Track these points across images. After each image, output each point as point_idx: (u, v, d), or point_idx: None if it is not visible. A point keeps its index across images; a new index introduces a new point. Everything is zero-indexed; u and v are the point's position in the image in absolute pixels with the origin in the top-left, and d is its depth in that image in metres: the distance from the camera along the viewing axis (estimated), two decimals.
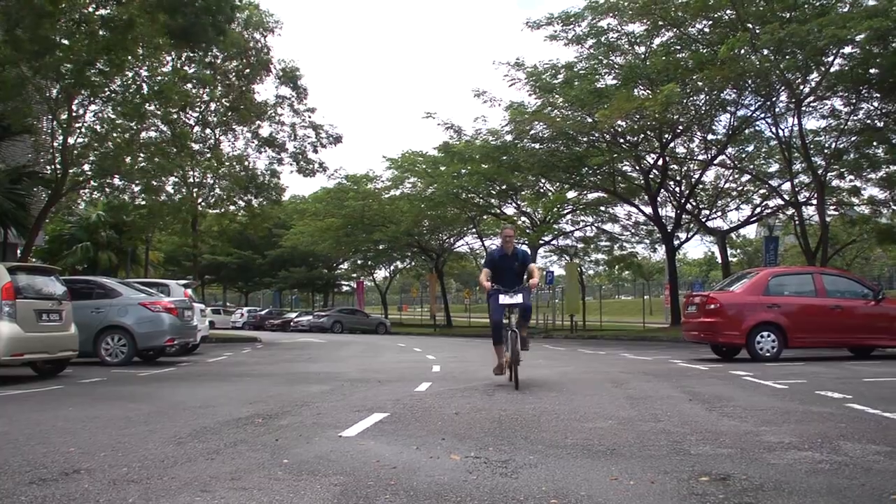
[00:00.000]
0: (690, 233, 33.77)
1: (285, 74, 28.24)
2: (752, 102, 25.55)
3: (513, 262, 8.87)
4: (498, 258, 8.95)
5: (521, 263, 8.93)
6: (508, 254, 8.90)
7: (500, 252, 9.04)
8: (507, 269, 8.82)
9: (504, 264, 8.86)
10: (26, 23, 13.84)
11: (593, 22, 25.34)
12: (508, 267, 8.83)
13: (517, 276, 8.92)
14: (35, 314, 10.44)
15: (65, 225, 32.24)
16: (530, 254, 8.90)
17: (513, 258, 8.89)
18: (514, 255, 8.94)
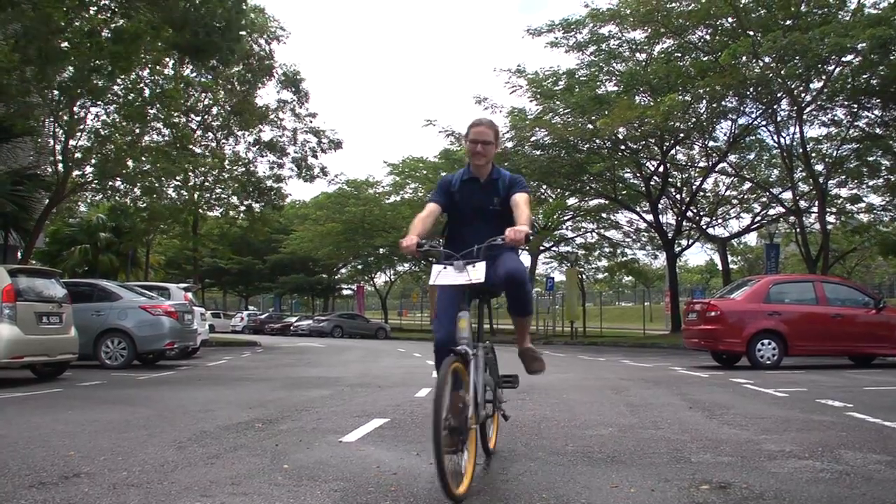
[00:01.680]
0: (691, 240, 33.79)
1: (287, 79, 28.28)
2: (753, 110, 25.60)
3: (488, 194, 4.36)
4: (459, 186, 4.41)
5: (505, 199, 4.34)
6: (481, 179, 4.39)
7: (465, 175, 4.44)
8: (475, 211, 4.37)
9: (471, 199, 4.38)
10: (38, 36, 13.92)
11: (594, 29, 25.42)
12: (479, 206, 4.37)
13: (496, 223, 4.27)
14: (35, 317, 10.44)
15: (65, 227, 32.23)
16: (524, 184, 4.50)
17: (489, 188, 4.37)
18: (492, 184, 4.39)
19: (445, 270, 3.82)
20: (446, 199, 4.37)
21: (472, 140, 4.30)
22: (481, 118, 4.40)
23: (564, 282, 34.13)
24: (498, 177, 4.38)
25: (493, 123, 4.44)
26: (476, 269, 3.79)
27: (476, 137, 4.29)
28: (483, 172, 4.36)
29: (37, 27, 14.04)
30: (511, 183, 4.35)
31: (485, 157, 4.31)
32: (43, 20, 14.10)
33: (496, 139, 4.36)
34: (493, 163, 4.42)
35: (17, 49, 14.62)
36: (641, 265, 41.89)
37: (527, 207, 4.11)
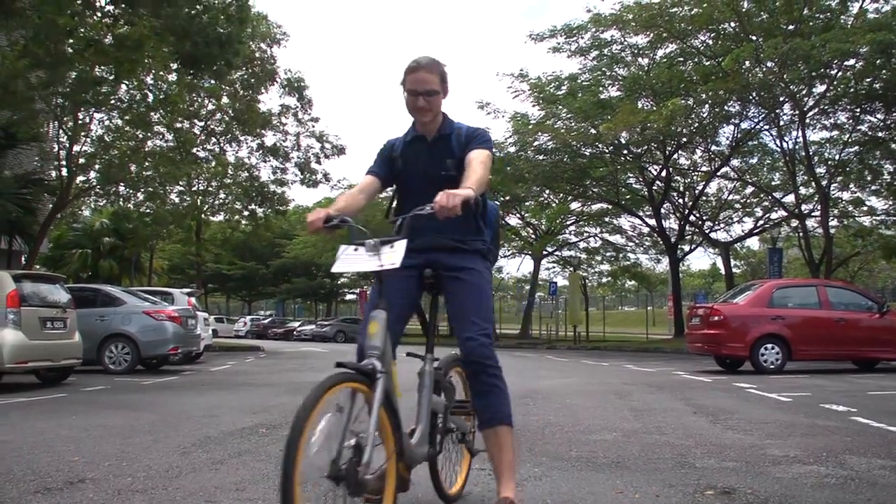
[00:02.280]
0: (694, 245, 33.77)
1: (290, 84, 28.36)
2: (755, 114, 25.61)
3: (438, 156, 3.27)
4: (402, 150, 3.35)
5: (462, 160, 3.17)
6: (428, 138, 3.31)
7: (409, 134, 3.37)
8: (424, 179, 3.24)
9: (417, 164, 3.30)
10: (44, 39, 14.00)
11: (597, 34, 25.47)
12: (427, 172, 3.25)
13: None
14: (39, 322, 10.47)
15: (68, 232, 32.32)
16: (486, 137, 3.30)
17: (439, 148, 3.28)
18: (443, 142, 3.28)
19: (355, 252, 2.78)
20: (387, 169, 3.32)
21: (410, 91, 3.11)
22: (419, 59, 3.15)
23: (567, 286, 34.13)
24: (451, 132, 3.25)
25: (437, 63, 3.19)
26: (393, 251, 2.71)
27: (415, 87, 3.10)
28: (430, 129, 3.25)
29: (43, 32, 14.11)
30: (469, 137, 3.22)
31: (430, 112, 3.16)
32: (48, 26, 14.19)
33: (443, 85, 3.16)
34: (445, 114, 3.28)
35: (23, 55, 14.71)
36: (644, 269, 41.87)
37: (482, 168, 3.00)
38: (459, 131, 3.28)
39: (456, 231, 3.17)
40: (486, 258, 3.29)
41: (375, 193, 3.33)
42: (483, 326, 3.05)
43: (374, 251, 2.74)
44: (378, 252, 2.74)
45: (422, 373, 3.12)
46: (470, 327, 3.04)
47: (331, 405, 2.39)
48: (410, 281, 3.16)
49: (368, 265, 2.74)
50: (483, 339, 3.03)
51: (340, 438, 2.40)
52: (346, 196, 3.26)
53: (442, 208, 2.69)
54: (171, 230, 28.24)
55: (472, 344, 3.02)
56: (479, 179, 2.95)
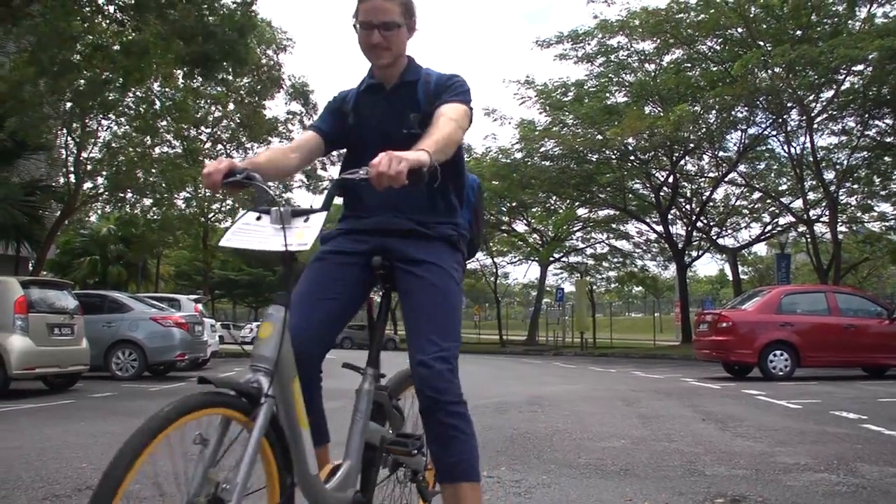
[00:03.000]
0: (701, 251, 33.69)
1: (296, 90, 28.43)
2: (763, 120, 25.56)
3: (399, 109, 2.44)
4: (355, 101, 2.55)
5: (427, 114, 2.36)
6: (387, 85, 2.49)
7: (364, 82, 2.56)
8: (381, 138, 2.37)
9: (371, 118, 2.49)
10: (51, 45, 14.09)
11: (603, 40, 25.47)
12: (385, 129, 2.44)
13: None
14: (47, 328, 10.48)
15: (76, 238, 32.46)
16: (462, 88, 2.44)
17: (401, 98, 2.46)
18: (406, 90, 2.47)
19: (257, 224, 2.02)
20: (334, 124, 2.55)
21: (362, 24, 2.38)
22: None
23: (574, 292, 34.07)
24: (416, 78, 2.48)
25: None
26: (307, 227, 1.98)
27: (369, 18, 2.37)
28: (390, 75, 2.47)
29: (50, 38, 14.20)
30: (440, 86, 2.44)
31: (388, 52, 2.39)
32: (56, 32, 14.29)
33: (407, 18, 2.41)
34: (410, 58, 2.52)
35: (31, 61, 14.82)
36: (651, 276, 41.79)
37: (449, 126, 2.23)
38: (428, 78, 2.48)
39: (417, 209, 2.37)
40: (456, 248, 2.46)
41: (315, 154, 2.56)
42: (442, 347, 2.23)
43: (281, 224, 1.95)
44: (286, 226, 1.95)
45: (359, 392, 2.41)
46: (423, 346, 2.23)
47: (182, 438, 1.73)
48: (353, 269, 2.41)
49: (269, 243, 1.96)
50: (440, 366, 2.19)
51: (195, 486, 1.73)
52: (272, 150, 2.54)
53: (380, 175, 1.91)
54: (177, 236, 28.31)
55: (425, 372, 2.19)
56: (443, 139, 2.16)
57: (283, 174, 2.50)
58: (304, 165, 2.61)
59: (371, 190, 2.01)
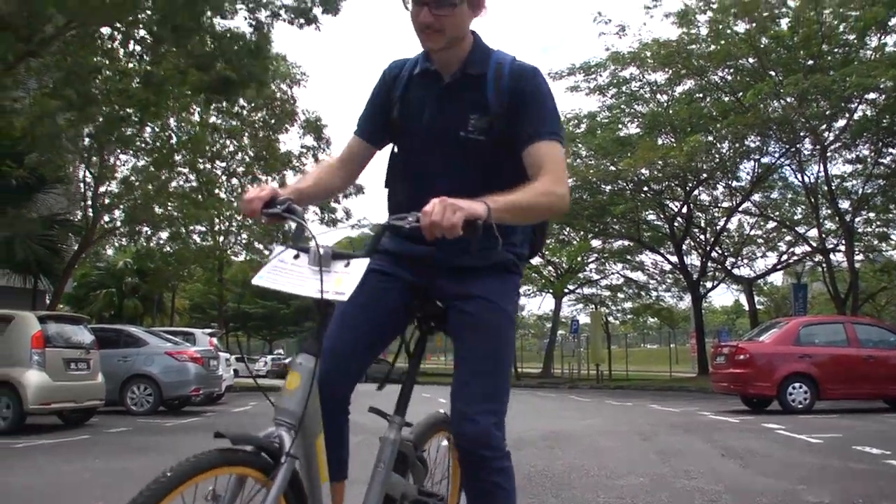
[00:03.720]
0: (716, 281, 33.48)
1: (309, 125, 28.67)
2: (776, 149, 25.51)
3: (460, 104, 2.03)
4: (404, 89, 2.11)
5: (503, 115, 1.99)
6: (445, 76, 2.05)
7: (417, 65, 2.11)
8: (435, 140, 2.06)
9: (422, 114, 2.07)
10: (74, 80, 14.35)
11: (615, 72, 25.61)
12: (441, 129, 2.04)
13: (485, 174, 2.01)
14: (64, 363, 10.52)
15: (92, 271, 32.68)
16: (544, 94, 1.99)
17: (463, 91, 2.03)
18: (470, 82, 2.03)
19: (293, 263, 1.83)
20: (380, 116, 2.16)
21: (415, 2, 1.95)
22: None
23: (589, 324, 33.87)
24: (482, 68, 2.03)
25: None
26: (347, 274, 1.78)
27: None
28: (449, 62, 2.04)
29: (71, 74, 14.45)
30: (517, 91, 2.00)
31: (441, 36, 1.96)
32: (77, 66, 14.55)
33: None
34: (476, 39, 2.07)
35: (51, 96, 15.07)
36: (667, 307, 41.53)
37: (540, 200, 1.88)
38: (500, 70, 2.01)
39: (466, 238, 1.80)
40: (512, 272, 2.13)
41: (366, 161, 2.23)
42: (493, 400, 2.02)
43: (319, 267, 1.77)
44: (325, 269, 1.77)
45: (383, 440, 2.15)
46: (469, 398, 2.01)
47: (195, 496, 1.63)
48: (391, 294, 2.12)
49: (304, 287, 1.77)
50: (487, 422, 1.98)
51: None
52: (318, 169, 2.27)
53: (432, 225, 1.69)
54: (193, 270, 28.44)
55: (470, 429, 1.98)
56: (520, 208, 1.83)
57: (334, 193, 2.29)
58: (356, 177, 2.29)
59: (419, 206, 1.78)
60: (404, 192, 2.13)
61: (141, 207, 21.84)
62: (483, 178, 1.97)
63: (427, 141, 2.06)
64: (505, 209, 1.79)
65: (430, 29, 1.95)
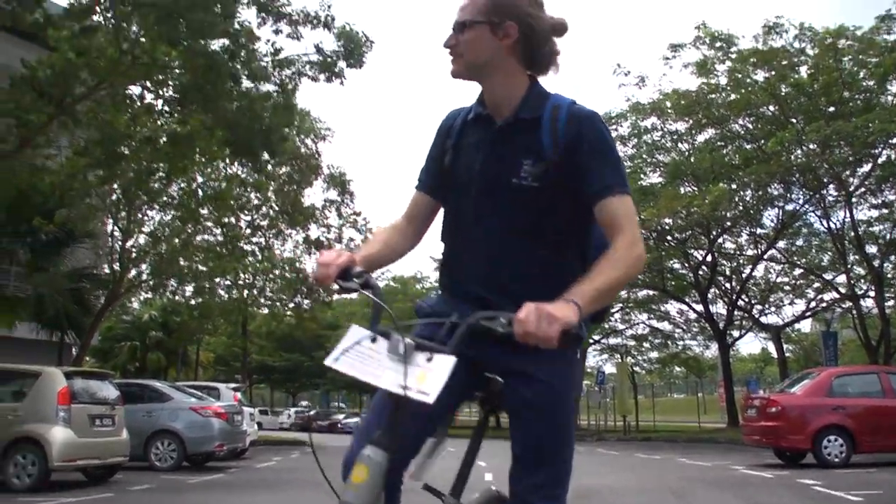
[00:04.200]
0: (744, 330, 33.04)
1: (333, 179, 29.00)
2: (800, 196, 25.37)
3: (512, 150, 1.93)
4: (458, 136, 2.05)
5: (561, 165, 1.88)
6: (497, 119, 1.97)
7: (473, 111, 2.04)
8: (487, 190, 1.95)
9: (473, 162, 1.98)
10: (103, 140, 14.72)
11: (636, 122, 25.76)
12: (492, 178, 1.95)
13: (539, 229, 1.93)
14: (89, 419, 10.52)
15: (117, 324, 32.95)
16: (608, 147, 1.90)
17: (516, 138, 1.94)
18: (524, 127, 1.93)
19: (370, 348, 1.72)
20: (439, 168, 2.10)
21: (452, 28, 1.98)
22: None
23: (615, 375, 33.46)
24: (537, 112, 1.94)
25: None
26: (430, 370, 1.65)
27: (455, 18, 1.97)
28: (501, 104, 1.97)
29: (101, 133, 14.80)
30: (576, 137, 1.89)
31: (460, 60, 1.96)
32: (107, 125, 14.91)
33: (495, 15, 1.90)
34: (533, 81, 2.00)
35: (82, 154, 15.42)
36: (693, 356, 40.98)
37: (619, 266, 1.79)
38: (556, 113, 1.92)
39: (528, 291, 1.77)
40: (576, 348, 1.96)
41: (433, 214, 2.14)
42: (556, 485, 1.95)
43: (400, 357, 1.66)
44: (407, 361, 1.66)
45: None
46: (530, 482, 1.94)
47: None
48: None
49: (383, 379, 1.66)
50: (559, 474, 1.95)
51: None
52: (385, 231, 2.16)
53: (527, 335, 1.61)
54: (218, 324, 28.57)
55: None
56: (606, 289, 1.76)
57: (403, 254, 2.16)
58: (424, 233, 2.19)
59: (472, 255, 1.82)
60: (457, 242, 2.06)
61: (167, 261, 22.08)
62: (533, 223, 1.93)
63: (479, 187, 1.97)
64: (593, 301, 1.73)
65: (452, 52, 1.96)
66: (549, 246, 1.87)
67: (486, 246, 1.94)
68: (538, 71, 1.99)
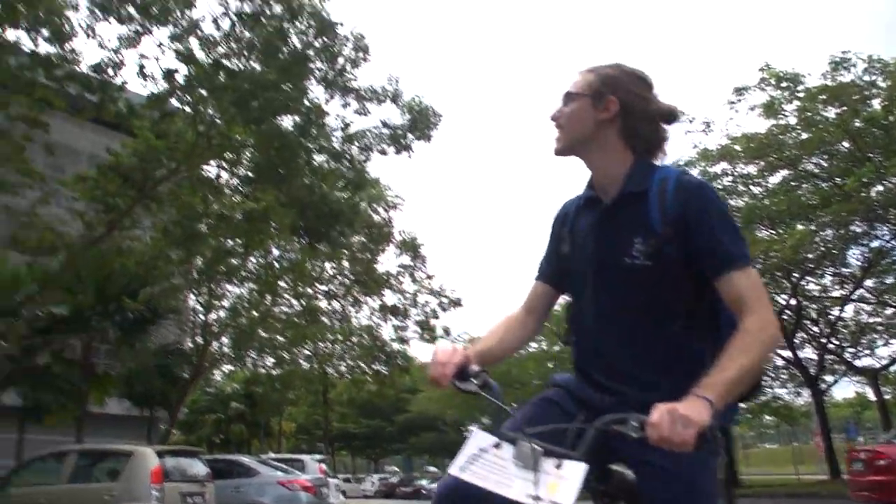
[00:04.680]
0: (837, 375, 31.60)
1: (405, 245, 29.33)
2: (885, 232, 24.41)
3: (622, 230, 1.89)
4: (573, 220, 2.07)
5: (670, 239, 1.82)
6: (605, 198, 1.97)
7: (584, 196, 2.07)
8: (602, 273, 1.93)
9: (585, 245, 1.99)
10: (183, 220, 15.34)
11: (705, 168, 25.38)
12: (604, 259, 1.92)
13: (655, 307, 1.87)
14: (180, 497, 10.68)
15: (201, 397, 33.65)
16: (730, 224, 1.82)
17: (625, 215, 1.91)
18: (632, 202, 1.90)
19: (495, 454, 1.63)
20: (558, 257, 2.09)
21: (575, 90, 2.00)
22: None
23: None
24: (643, 185, 1.91)
25: (606, 66, 1.97)
26: (561, 479, 1.56)
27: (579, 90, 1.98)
28: (605, 182, 1.97)
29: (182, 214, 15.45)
30: (681, 202, 1.84)
31: (561, 131, 1.98)
32: (186, 208, 15.56)
33: (604, 89, 1.92)
34: (639, 158, 1.96)
35: (164, 234, 16.09)
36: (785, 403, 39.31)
37: (753, 349, 1.68)
38: (664, 186, 1.87)
39: (652, 367, 1.80)
40: (716, 435, 1.63)
41: (551, 305, 2.14)
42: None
43: (528, 466, 1.57)
44: (535, 469, 1.57)
45: None
46: None
47: None
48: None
49: (513, 490, 1.55)
50: None
51: None
52: (502, 326, 2.09)
53: (661, 440, 1.55)
54: (299, 393, 28.89)
55: None
56: (738, 377, 1.65)
57: (522, 346, 2.13)
58: (543, 323, 2.18)
59: (593, 341, 1.77)
60: (579, 327, 2.01)
61: (246, 333, 22.58)
62: (652, 303, 1.86)
63: (594, 270, 1.95)
64: (727, 393, 1.63)
65: (556, 125, 1.99)
66: (672, 327, 1.79)
67: (605, 331, 1.90)
68: (642, 153, 1.98)
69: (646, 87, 1.96)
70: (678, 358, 1.82)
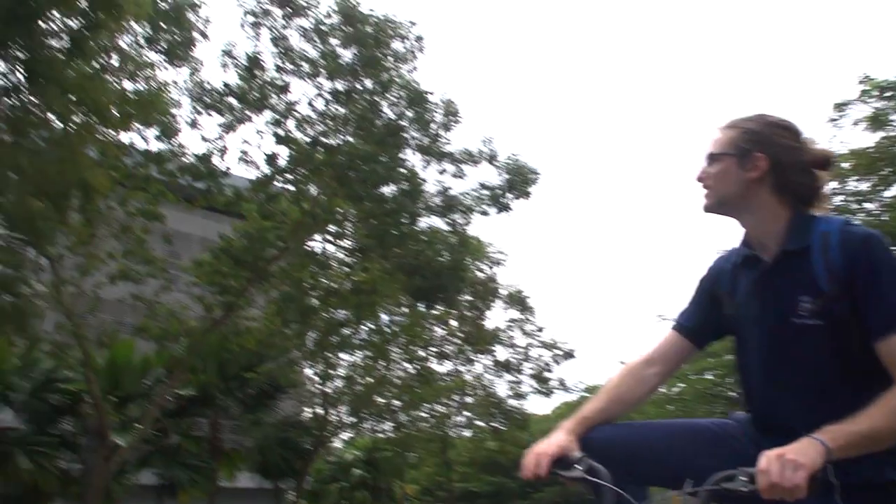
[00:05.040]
0: None
1: (512, 298, 29.16)
2: None
3: (785, 290, 1.77)
4: (731, 279, 1.93)
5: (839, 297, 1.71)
6: (765, 255, 1.85)
7: (740, 255, 1.92)
8: (767, 335, 1.81)
9: (749, 306, 1.87)
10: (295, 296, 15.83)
11: None
12: (767, 321, 1.81)
13: (836, 370, 1.74)
14: None
15: (324, 465, 34.08)
16: None
17: (788, 274, 1.78)
18: (794, 260, 1.77)
19: None
20: (705, 314, 1.99)
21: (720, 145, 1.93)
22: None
23: None
24: (804, 242, 1.79)
25: (745, 119, 1.90)
26: None
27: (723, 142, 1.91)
28: (763, 240, 1.86)
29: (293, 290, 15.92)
30: (846, 256, 1.72)
31: (709, 192, 1.89)
32: (296, 284, 16.03)
33: (748, 147, 1.84)
34: (799, 213, 1.83)
35: (278, 311, 16.60)
36: None
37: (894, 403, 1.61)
38: (827, 240, 1.74)
39: (822, 425, 1.59)
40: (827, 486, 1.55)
41: (682, 359, 2.03)
42: None
43: None
44: None
45: None
46: None
47: None
48: None
49: None
50: None
51: None
52: (618, 380, 1.97)
53: (772, 487, 1.45)
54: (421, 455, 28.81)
55: None
56: (866, 435, 1.56)
57: (642, 402, 2.01)
58: (667, 378, 2.05)
59: (761, 402, 1.71)
60: (749, 388, 1.91)
61: (363, 400, 22.84)
62: (825, 366, 1.74)
63: (760, 332, 1.83)
64: (848, 445, 1.55)
65: (703, 185, 1.91)
66: (847, 391, 1.67)
67: (774, 394, 1.80)
68: (798, 206, 1.86)
69: (793, 137, 1.88)
70: (839, 395, 1.72)
